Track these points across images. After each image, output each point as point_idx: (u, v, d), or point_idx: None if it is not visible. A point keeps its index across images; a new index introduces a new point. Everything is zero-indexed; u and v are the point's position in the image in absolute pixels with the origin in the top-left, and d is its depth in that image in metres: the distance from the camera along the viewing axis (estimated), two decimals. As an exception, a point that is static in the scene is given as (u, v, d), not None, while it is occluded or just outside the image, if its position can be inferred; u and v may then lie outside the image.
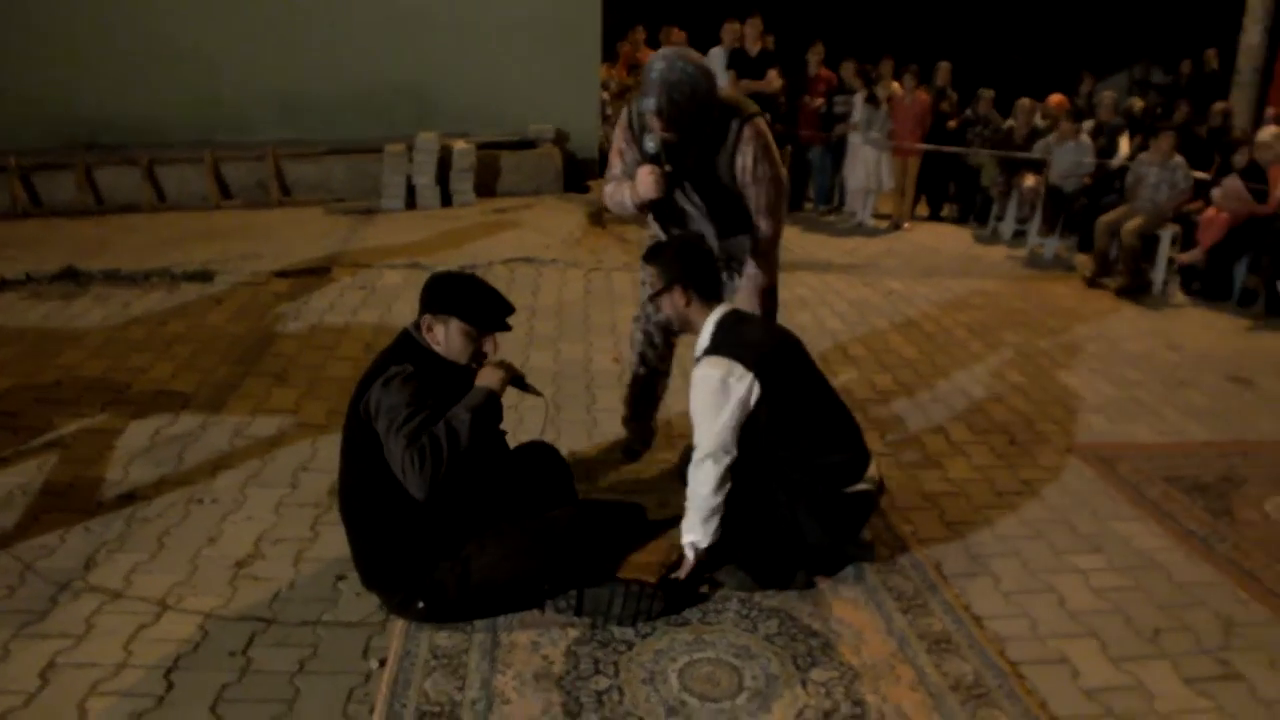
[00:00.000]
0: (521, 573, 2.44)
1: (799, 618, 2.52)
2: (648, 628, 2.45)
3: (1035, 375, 4.50)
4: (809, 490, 2.61)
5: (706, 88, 2.78)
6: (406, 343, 2.47)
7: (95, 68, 7.36)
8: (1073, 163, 7.13)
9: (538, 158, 7.96)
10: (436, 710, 2.14)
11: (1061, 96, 8.17)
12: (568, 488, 2.81)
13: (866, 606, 2.59)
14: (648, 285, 2.99)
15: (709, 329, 2.63)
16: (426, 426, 2.26)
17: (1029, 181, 7.48)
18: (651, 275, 2.77)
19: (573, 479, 2.86)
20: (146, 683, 2.22)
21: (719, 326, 2.62)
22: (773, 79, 7.48)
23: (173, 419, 3.62)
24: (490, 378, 2.43)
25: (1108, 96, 7.87)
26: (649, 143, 2.82)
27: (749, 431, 2.56)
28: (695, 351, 2.66)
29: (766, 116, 3.08)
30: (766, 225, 3.03)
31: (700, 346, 2.64)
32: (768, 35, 7.81)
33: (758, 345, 2.59)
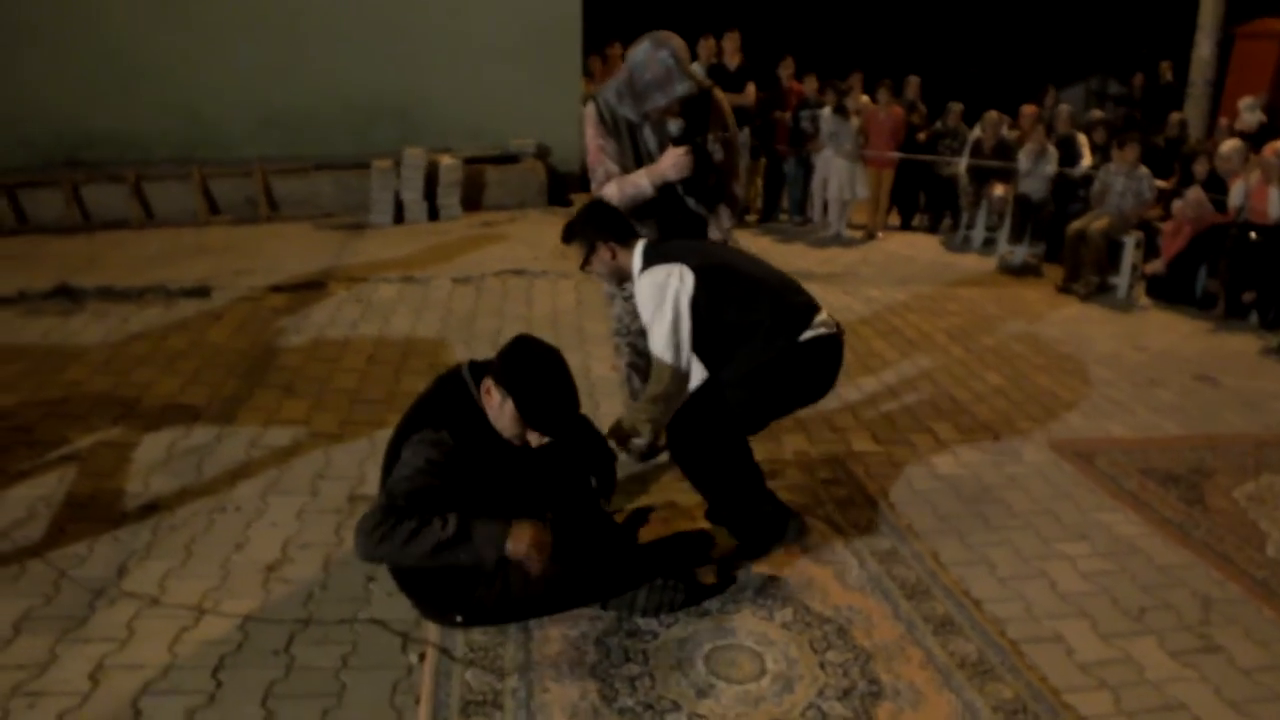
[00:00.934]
0: (563, 593, 2.53)
1: (811, 606, 2.67)
2: (671, 619, 2.58)
3: (1014, 377, 4.72)
4: (770, 365, 2.76)
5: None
6: (458, 391, 2.44)
7: (73, 85, 7.31)
8: (1043, 173, 7.40)
9: (522, 172, 8.09)
10: (480, 699, 2.26)
11: (1035, 107, 8.47)
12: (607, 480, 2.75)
13: (873, 594, 2.75)
14: (602, 282, 3.20)
15: (636, 259, 2.86)
16: (416, 502, 2.21)
17: (998, 191, 7.75)
18: (574, 252, 2.96)
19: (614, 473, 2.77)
20: (195, 681, 2.31)
21: (644, 252, 2.86)
22: (750, 93, 7.69)
23: (186, 432, 3.68)
24: (519, 547, 2.26)
25: (1064, 110, 8.18)
26: (672, 126, 3.07)
27: (702, 339, 2.76)
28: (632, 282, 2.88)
29: (745, 130, 3.41)
30: (737, 187, 3.37)
31: (635, 273, 2.85)
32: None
33: (680, 248, 2.87)
